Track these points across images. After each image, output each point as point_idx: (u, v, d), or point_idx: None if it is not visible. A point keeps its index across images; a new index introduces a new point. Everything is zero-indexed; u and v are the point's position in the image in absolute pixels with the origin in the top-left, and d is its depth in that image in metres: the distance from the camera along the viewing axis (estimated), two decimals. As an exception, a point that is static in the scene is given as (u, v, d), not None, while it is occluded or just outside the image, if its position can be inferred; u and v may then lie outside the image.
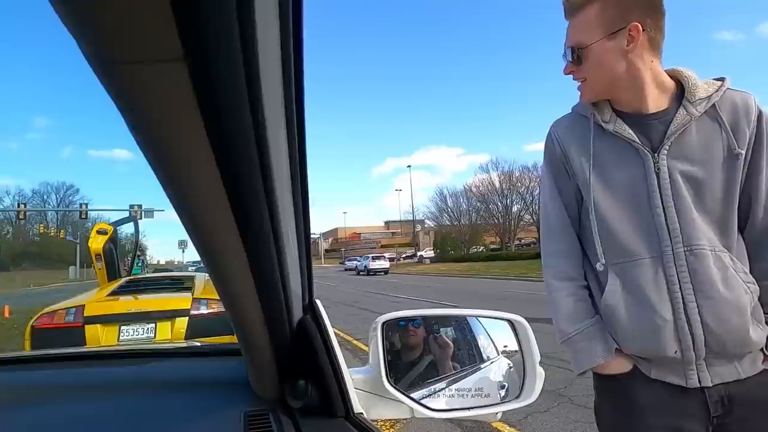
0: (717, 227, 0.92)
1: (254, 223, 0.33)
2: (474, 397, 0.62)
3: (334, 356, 0.54)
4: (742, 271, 0.91)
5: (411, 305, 10.44)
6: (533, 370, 0.63)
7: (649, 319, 0.90)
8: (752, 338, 0.88)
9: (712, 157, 0.91)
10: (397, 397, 0.58)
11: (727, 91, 0.94)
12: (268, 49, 0.23)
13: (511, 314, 0.66)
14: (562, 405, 3.28)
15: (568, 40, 0.97)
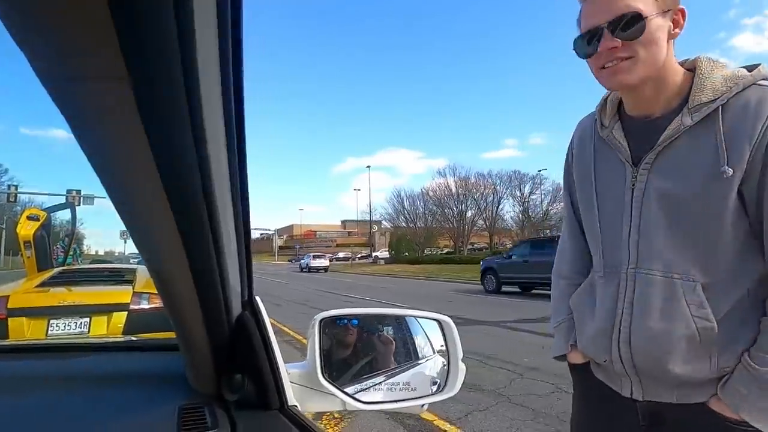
0: (691, 253, 0.82)
1: (193, 222, 0.34)
2: (402, 391, 0.67)
3: (271, 351, 0.56)
4: (698, 304, 0.81)
5: (363, 305, 10.48)
6: (456, 366, 0.68)
7: (593, 326, 0.95)
8: (677, 372, 0.83)
9: (693, 174, 0.80)
10: (331, 390, 0.61)
11: (750, 88, 0.78)
12: (207, 59, 0.25)
13: (439, 315, 0.71)
14: (500, 404, 3.44)
15: (614, 7, 0.80)
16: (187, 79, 0.24)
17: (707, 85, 0.80)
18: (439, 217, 43.34)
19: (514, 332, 6.54)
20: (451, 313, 6.85)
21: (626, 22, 0.79)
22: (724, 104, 0.78)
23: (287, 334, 6.61)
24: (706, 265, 0.81)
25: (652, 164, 0.85)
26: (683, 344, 0.82)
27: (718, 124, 0.77)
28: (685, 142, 0.81)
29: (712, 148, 0.78)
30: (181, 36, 0.22)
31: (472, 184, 41.58)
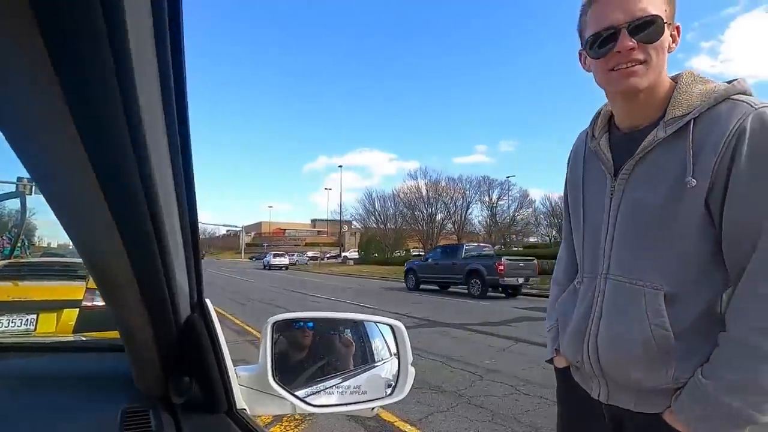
0: (657, 261, 0.84)
1: (133, 222, 0.34)
2: (353, 394, 0.67)
3: (220, 353, 0.56)
4: (657, 312, 0.82)
5: (330, 306, 10.41)
6: (406, 370, 0.70)
7: (570, 327, 1.00)
8: (635, 377, 0.85)
9: (662, 184, 0.82)
10: (281, 393, 0.61)
11: (723, 103, 0.80)
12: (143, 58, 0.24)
13: (391, 320, 0.72)
14: (460, 405, 3.50)
15: (630, 10, 0.80)
16: (120, 74, 0.23)
17: (683, 99, 0.82)
18: (409, 219, 43.65)
19: (478, 335, 6.67)
20: (422, 314, 6.82)
21: (646, 24, 0.80)
22: (697, 117, 0.80)
23: (251, 334, 6.48)
24: (671, 274, 0.82)
25: (629, 175, 0.88)
26: (640, 349, 0.83)
27: (689, 137, 0.79)
28: (659, 154, 0.84)
29: (681, 160, 0.80)
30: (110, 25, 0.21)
31: (442, 188, 42.19)
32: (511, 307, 10.26)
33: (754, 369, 0.74)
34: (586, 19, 0.88)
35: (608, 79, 0.86)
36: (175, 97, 0.31)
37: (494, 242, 40.68)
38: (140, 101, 0.26)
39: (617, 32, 0.81)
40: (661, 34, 0.81)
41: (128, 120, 0.26)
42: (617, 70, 0.84)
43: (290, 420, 3.07)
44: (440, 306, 10.25)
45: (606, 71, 0.86)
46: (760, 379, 0.73)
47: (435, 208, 42.10)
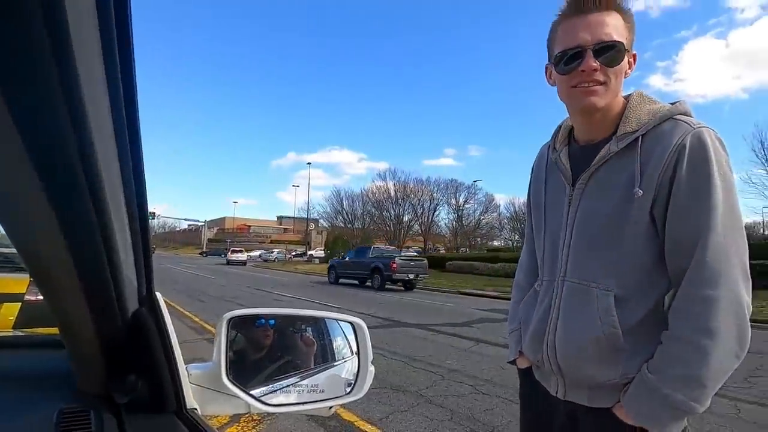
0: (608, 265, 0.90)
1: (73, 209, 0.31)
2: (310, 393, 0.66)
3: (170, 350, 0.53)
4: (607, 311, 0.88)
5: (293, 304, 10.26)
6: (366, 369, 0.69)
7: (531, 328, 1.05)
8: (588, 373, 0.91)
9: (613, 194, 0.89)
10: (235, 392, 0.58)
11: (666, 122, 0.87)
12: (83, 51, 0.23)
13: (353, 317, 0.71)
14: (421, 404, 3.53)
15: (596, 33, 0.86)
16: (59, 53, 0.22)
17: (633, 117, 0.90)
18: (377, 219, 43.72)
19: (441, 335, 6.76)
20: (381, 312, 6.84)
21: (609, 47, 0.87)
22: (644, 134, 0.87)
23: (208, 331, 6.29)
24: (621, 277, 0.89)
25: (585, 185, 0.94)
26: (592, 346, 0.90)
27: (638, 151, 0.87)
28: (611, 166, 0.91)
29: (630, 172, 0.87)
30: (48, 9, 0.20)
31: (410, 189, 42.48)
32: (474, 308, 10.47)
33: (694, 364, 0.80)
34: (556, 36, 0.93)
35: (570, 95, 0.93)
36: (122, 76, 0.29)
37: (459, 245, 41.45)
38: (81, 78, 0.24)
39: (583, 52, 0.87)
40: (621, 59, 0.88)
41: (68, 100, 0.24)
42: (579, 87, 0.90)
43: (248, 420, 2.99)
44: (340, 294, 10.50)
45: (569, 87, 0.91)
46: (700, 374, 0.79)
47: (403, 209, 42.42)
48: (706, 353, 0.79)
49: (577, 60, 0.88)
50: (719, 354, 0.79)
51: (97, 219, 0.33)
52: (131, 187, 0.36)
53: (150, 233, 0.44)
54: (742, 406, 3.68)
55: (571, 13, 0.90)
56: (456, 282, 19.33)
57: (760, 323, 9.04)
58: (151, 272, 0.49)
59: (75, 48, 0.22)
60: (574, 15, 0.90)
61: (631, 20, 0.91)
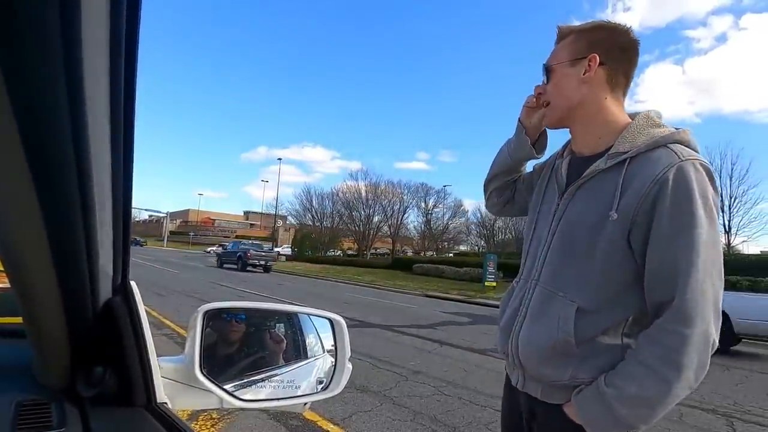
0: (575, 277, 0.93)
1: (58, 191, 0.30)
2: (285, 389, 0.65)
3: (142, 342, 0.51)
4: (565, 320, 0.91)
5: (257, 300, 10.03)
6: (342, 365, 0.69)
7: (502, 321, 1.10)
8: (542, 371, 0.97)
9: (593, 211, 0.91)
10: (207, 386, 0.57)
11: (658, 149, 0.88)
12: (89, 48, 0.23)
13: (331, 313, 0.71)
14: (384, 405, 3.55)
15: (547, 60, 1.01)
16: (67, 50, 0.21)
17: (629, 137, 0.91)
18: (347, 219, 43.55)
19: (404, 336, 6.81)
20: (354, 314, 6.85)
21: (543, 73, 1.02)
22: (634, 157, 0.88)
23: (167, 326, 6.07)
24: (588, 291, 0.91)
25: (571, 196, 0.97)
26: (548, 349, 0.94)
27: (622, 174, 0.88)
28: (596, 183, 0.93)
29: (611, 192, 0.88)
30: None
31: (381, 191, 42.57)
32: (438, 311, 10.62)
33: (648, 388, 0.83)
34: None
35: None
36: (125, 72, 0.29)
37: (427, 248, 41.89)
38: (85, 72, 0.24)
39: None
40: (548, 79, 1.02)
41: (70, 92, 0.24)
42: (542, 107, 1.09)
43: (206, 419, 2.91)
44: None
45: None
46: (655, 400, 0.84)
47: (373, 210, 42.42)
48: (669, 385, 0.82)
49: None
50: (678, 387, 0.82)
51: (81, 207, 0.32)
52: (119, 179, 0.35)
53: (131, 224, 0.42)
54: (685, 410, 3.91)
55: None
56: (422, 284, 19.56)
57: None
58: (128, 261, 0.47)
59: (84, 45, 0.22)
60: None
61: (578, 30, 0.99)
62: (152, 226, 79.31)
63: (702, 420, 3.72)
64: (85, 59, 0.23)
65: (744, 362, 6.66)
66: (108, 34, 0.25)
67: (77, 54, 0.22)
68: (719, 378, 5.42)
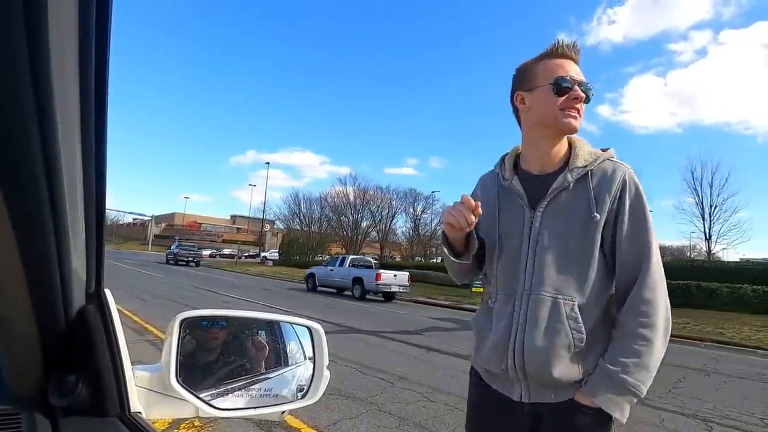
0: (572, 278, 1.03)
1: (27, 195, 0.30)
2: (263, 397, 0.65)
3: (116, 350, 0.51)
4: (574, 319, 1.01)
5: (242, 306, 9.94)
6: (320, 373, 0.69)
7: (492, 340, 1.10)
8: (556, 375, 1.01)
9: (575, 218, 1.04)
10: (183, 395, 0.56)
11: (606, 162, 1.07)
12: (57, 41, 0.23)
13: (309, 321, 0.71)
14: (370, 412, 3.53)
15: (579, 75, 1.07)
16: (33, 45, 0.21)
17: (580, 155, 1.08)
18: (335, 224, 43.40)
19: (393, 342, 6.80)
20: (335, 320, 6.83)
21: (587, 87, 1.06)
22: (592, 170, 1.06)
23: (151, 333, 5.96)
24: (581, 288, 1.04)
25: (545, 209, 1.07)
26: (563, 351, 1.02)
27: (589, 183, 1.05)
28: (568, 194, 1.06)
29: (586, 200, 1.04)
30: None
31: (370, 196, 42.58)
32: (425, 317, 10.62)
33: (642, 354, 0.98)
34: (542, 69, 1.08)
35: (558, 114, 1.06)
36: (95, 74, 0.28)
37: (415, 253, 41.92)
38: (53, 71, 0.24)
39: (573, 83, 1.05)
40: (591, 98, 1.09)
41: (37, 91, 0.24)
42: (567, 110, 1.05)
43: (189, 427, 2.86)
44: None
45: (558, 109, 1.05)
46: (646, 361, 0.98)
47: (361, 215, 42.39)
48: (650, 343, 0.98)
49: (569, 88, 1.04)
50: (657, 343, 0.99)
51: (50, 209, 0.32)
52: (91, 180, 0.35)
53: (104, 229, 0.42)
54: (665, 416, 3.97)
55: (556, 56, 1.07)
56: (409, 290, 19.55)
57: (683, 338, 9.83)
58: (102, 268, 0.47)
59: (51, 44, 0.22)
60: (559, 57, 1.07)
61: None
62: (136, 230, 77.97)
63: (682, 424, 3.78)
64: (53, 57, 0.23)
65: (724, 367, 6.80)
66: (77, 31, 0.24)
67: (44, 52, 0.22)
68: (700, 383, 5.53)
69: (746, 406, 4.54)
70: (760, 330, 11.25)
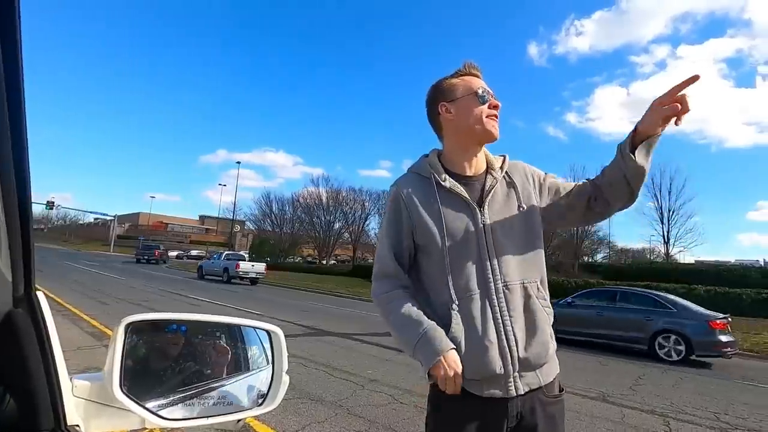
0: (525, 263, 1.13)
1: None
2: (217, 405, 0.61)
3: (50, 358, 0.46)
4: (542, 297, 1.13)
5: (210, 309, 9.66)
6: (279, 379, 0.66)
7: (481, 342, 1.05)
8: (549, 349, 1.11)
9: (512, 209, 1.16)
10: (128, 406, 0.52)
11: (510, 162, 1.26)
12: None
13: (268, 324, 0.68)
14: (339, 415, 3.48)
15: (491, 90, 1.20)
16: None
17: (492, 159, 1.24)
18: (307, 225, 42.89)
19: (362, 344, 6.76)
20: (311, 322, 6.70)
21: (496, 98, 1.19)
22: (508, 169, 1.23)
23: (109, 337, 5.68)
24: (537, 268, 1.16)
25: (489, 205, 1.16)
26: (546, 327, 1.11)
27: (510, 180, 1.21)
28: (502, 190, 1.20)
29: (514, 194, 1.19)
30: None
31: (342, 197, 42.31)
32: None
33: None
34: (461, 84, 1.20)
35: (485, 123, 1.17)
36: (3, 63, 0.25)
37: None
38: None
39: (490, 94, 1.19)
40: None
41: None
42: (491, 118, 1.17)
43: (148, 436, 2.73)
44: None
45: (484, 117, 1.16)
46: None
47: (334, 216, 42.06)
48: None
49: (489, 97, 1.17)
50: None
51: None
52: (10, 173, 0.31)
53: (32, 224, 0.38)
54: (627, 412, 4.12)
55: (469, 74, 1.21)
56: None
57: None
58: (31, 269, 0.42)
59: None
60: (471, 75, 1.21)
61: None
62: (98, 230, 74.60)
63: (642, 420, 3.92)
64: None
65: (678, 365, 7.12)
66: None
67: None
68: (658, 380, 5.77)
69: (700, 401, 4.76)
70: (713, 328, 11.87)
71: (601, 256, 38.14)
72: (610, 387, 5.07)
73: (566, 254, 31.03)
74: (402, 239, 1.18)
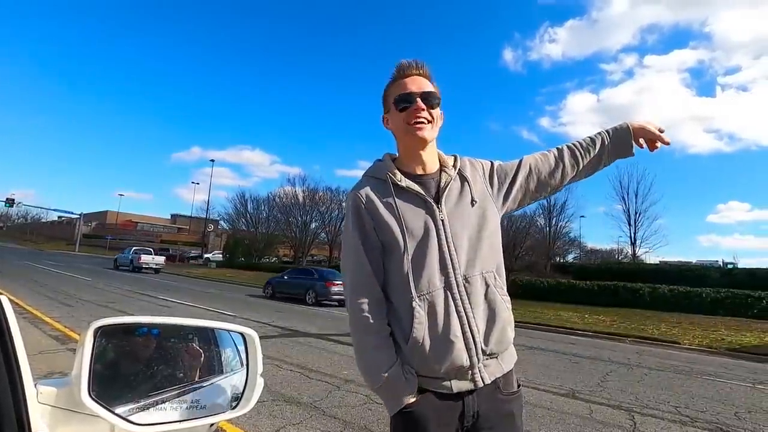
0: (483, 254, 1.15)
1: None
2: (190, 409, 0.60)
3: (12, 363, 0.45)
4: (500, 286, 1.16)
5: (182, 311, 9.41)
6: (254, 381, 0.65)
7: (446, 337, 1.06)
8: (508, 335, 1.15)
9: (466, 204, 1.19)
10: (97, 411, 0.51)
11: (461, 159, 1.30)
12: None
13: (243, 327, 0.67)
14: (315, 417, 3.46)
15: (421, 87, 1.20)
16: None
17: (445, 158, 1.27)
18: (283, 224, 42.35)
19: (338, 345, 6.73)
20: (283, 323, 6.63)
21: (430, 94, 1.20)
22: (460, 166, 1.26)
23: (74, 340, 5.47)
24: (494, 258, 1.19)
25: (445, 201, 1.18)
26: (507, 315, 1.15)
27: (463, 176, 1.24)
28: (456, 186, 1.22)
29: (467, 189, 1.22)
30: None
31: (320, 197, 41.97)
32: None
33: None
34: (390, 92, 1.24)
35: (407, 130, 1.19)
36: None
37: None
38: None
39: (415, 97, 1.19)
40: (439, 104, 1.23)
41: None
42: (414, 124, 1.18)
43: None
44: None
45: (405, 123, 1.19)
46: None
47: (311, 216, 41.66)
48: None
49: (409, 104, 1.18)
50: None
51: None
52: None
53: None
54: (594, 407, 4.25)
55: (401, 77, 1.22)
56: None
57: (611, 335, 10.62)
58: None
59: None
60: (403, 77, 1.22)
61: (438, 90, 1.25)
62: (62, 229, 71.51)
63: (608, 415, 4.06)
64: None
65: (645, 360, 7.41)
66: None
67: None
68: (624, 376, 5.98)
69: (663, 396, 4.97)
70: (675, 326, 12.41)
71: (572, 256, 39.31)
72: (579, 384, 5.22)
73: (539, 255, 31.81)
74: (371, 242, 1.16)
